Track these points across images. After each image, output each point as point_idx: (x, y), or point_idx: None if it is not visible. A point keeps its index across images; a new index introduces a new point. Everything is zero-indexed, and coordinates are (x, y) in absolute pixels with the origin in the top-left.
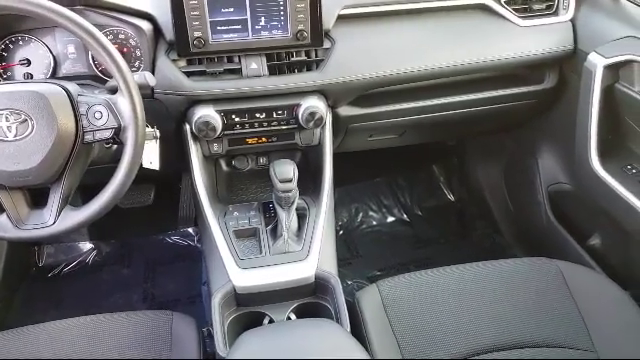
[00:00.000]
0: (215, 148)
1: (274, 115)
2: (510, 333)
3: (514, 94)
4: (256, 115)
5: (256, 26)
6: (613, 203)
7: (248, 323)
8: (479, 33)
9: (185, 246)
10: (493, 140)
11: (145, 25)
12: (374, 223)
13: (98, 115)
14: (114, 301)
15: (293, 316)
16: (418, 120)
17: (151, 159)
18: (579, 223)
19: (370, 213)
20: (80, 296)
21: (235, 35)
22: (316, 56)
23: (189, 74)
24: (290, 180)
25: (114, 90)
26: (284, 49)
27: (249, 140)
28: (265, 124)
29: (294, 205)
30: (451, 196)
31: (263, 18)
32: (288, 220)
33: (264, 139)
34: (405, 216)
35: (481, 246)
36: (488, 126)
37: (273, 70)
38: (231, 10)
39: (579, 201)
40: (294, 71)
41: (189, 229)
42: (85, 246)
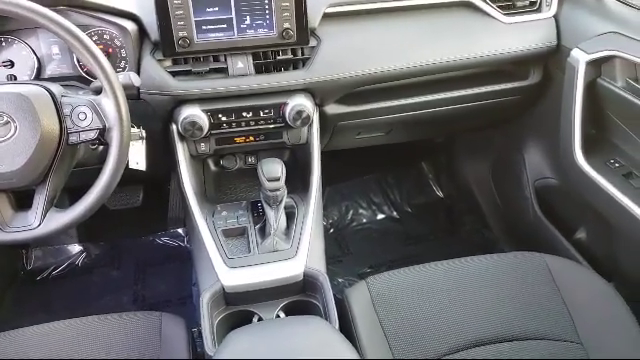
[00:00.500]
0: (202, 148)
1: (261, 114)
2: (498, 326)
3: (499, 90)
4: (243, 114)
5: (241, 25)
6: (597, 197)
7: (237, 322)
8: (464, 30)
9: (175, 247)
10: (480, 136)
11: (129, 25)
12: (364, 221)
13: (82, 116)
14: (104, 303)
15: (282, 314)
16: (405, 117)
17: (137, 160)
18: (565, 217)
19: (360, 211)
20: (69, 299)
21: (221, 34)
22: (302, 54)
23: (175, 74)
24: (278, 179)
25: (98, 91)
26: (270, 48)
27: (237, 139)
28: (252, 123)
29: (282, 204)
30: (440, 193)
31: (248, 17)
32: (276, 219)
33: (251, 138)
34: (395, 213)
35: (470, 241)
36: (475, 123)
37: (259, 69)
38: (216, 9)
39: (565, 195)
40: (280, 70)
41: (179, 230)
42: (74, 248)
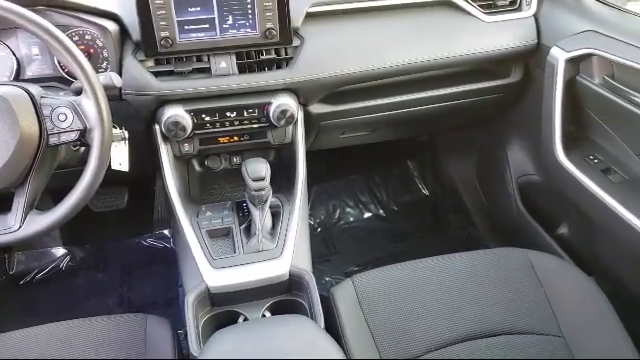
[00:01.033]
0: (186, 148)
1: (245, 114)
2: (482, 322)
3: (481, 89)
4: (227, 114)
5: (224, 25)
6: (577, 192)
7: (223, 323)
8: (445, 29)
9: (161, 248)
10: (464, 135)
11: (110, 25)
12: (351, 219)
13: (62, 117)
14: (90, 307)
15: (268, 314)
16: (389, 116)
17: (120, 161)
18: (548, 213)
19: (347, 210)
20: (54, 303)
21: (203, 34)
22: (286, 54)
23: (157, 74)
24: (262, 178)
25: (79, 91)
26: (253, 47)
27: (221, 139)
28: (236, 123)
29: (267, 203)
30: (425, 191)
31: (231, 17)
32: (261, 218)
33: (236, 138)
34: (381, 212)
35: (456, 239)
36: (458, 121)
37: (243, 69)
38: (198, 9)
39: (547, 192)
40: (264, 69)
41: (165, 231)
42: (58, 251)
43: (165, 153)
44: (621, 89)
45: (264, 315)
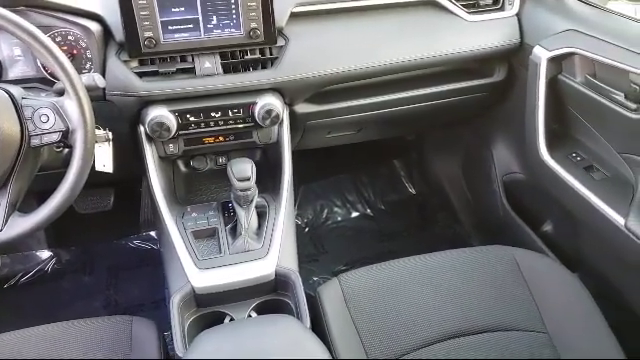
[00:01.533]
0: (171, 149)
1: (230, 114)
2: (468, 319)
3: (466, 87)
4: (211, 114)
5: (208, 25)
6: (561, 190)
7: (209, 323)
8: (429, 28)
9: (148, 250)
10: (450, 134)
11: (93, 26)
12: (339, 219)
13: (44, 118)
14: (76, 309)
15: (254, 314)
16: (375, 116)
17: (104, 162)
18: (532, 211)
19: (335, 209)
20: (39, 306)
21: (187, 34)
22: (270, 54)
23: (141, 75)
24: (248, 179)
25: (61, 92)
26: (237, 47)
27: (206, 140)
28: (221, 123)
29: (253, 203)
30: (412, 189)
31: (215, 17)
32: (247, 219)
33: (221, 138)
34: (369, 211)
35: (442, 236)
36: (443, 119)
37: (227, 69)
38: (182, 9)
39: (532, 190)
40: (249, 69)
41: (151, 233)
42: (43, 254)
43: (150, 154)
44: (602, 87)
45: (250, 315)
